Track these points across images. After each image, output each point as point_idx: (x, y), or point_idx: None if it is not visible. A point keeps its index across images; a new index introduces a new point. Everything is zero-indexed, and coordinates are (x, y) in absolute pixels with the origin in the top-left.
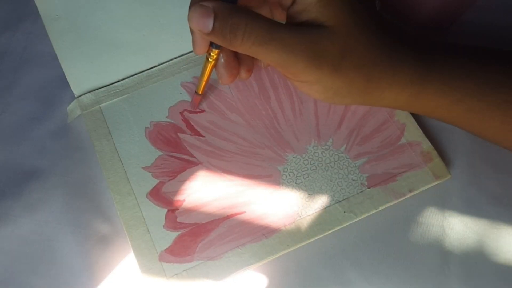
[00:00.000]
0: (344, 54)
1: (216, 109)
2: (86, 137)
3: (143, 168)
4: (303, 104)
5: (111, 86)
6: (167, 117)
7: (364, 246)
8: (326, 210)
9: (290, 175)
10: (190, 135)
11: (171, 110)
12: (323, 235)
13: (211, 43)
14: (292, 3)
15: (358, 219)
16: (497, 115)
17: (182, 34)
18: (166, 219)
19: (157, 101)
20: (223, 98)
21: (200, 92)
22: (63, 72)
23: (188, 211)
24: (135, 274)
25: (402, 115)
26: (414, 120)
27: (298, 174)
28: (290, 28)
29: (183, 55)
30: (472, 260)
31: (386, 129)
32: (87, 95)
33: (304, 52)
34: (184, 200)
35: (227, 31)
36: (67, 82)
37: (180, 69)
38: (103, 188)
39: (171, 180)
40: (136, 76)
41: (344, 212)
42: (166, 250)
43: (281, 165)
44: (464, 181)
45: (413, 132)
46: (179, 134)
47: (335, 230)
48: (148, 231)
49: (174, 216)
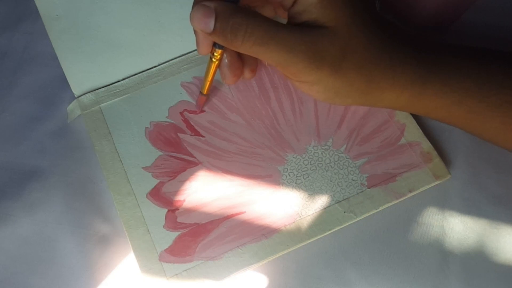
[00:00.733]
0: (344, 54)
1: (216, 109)
2: (86, 137)
3: (143, 168)
4: (303, 104)
5: (111, 86)
6: (167, 117)
7: (364, 246)
8: (326, 210)
9: (290, 175)
10: (190, 135)
11: (171, 110)
12: (323, 235)
13: (215, 43)
14: (293, 4)
15: (358, 219)
16: (497, 116)
17: (182, 34)
18: (166, 219)
19: (157, 101)
20: (223, 98)
21: (205, 92)
22: (63, 72)
23: (188, 211)
24: (135, 274)
25: (402, 115)
26: (414, 120)
27: (298, 174)
28: (290, 29)
29: (183, 55)
30: (472, 260)
31: (386, 129)
32: (87, 95)
33: (304, 52)
34: (184, 200)
35: (228, 31)
36: (67, 82)
37: (180, 69)
38: (103, 188)
39: (171, 180)
40: (136, 76)
41: (344, 212)
42: (166, 250)
43: (281, 165)
44: (464, 181)
45: (413, 132)
46: (179, 134)
47: (335, 230)
48: (148, 231)
49: (174, 216)
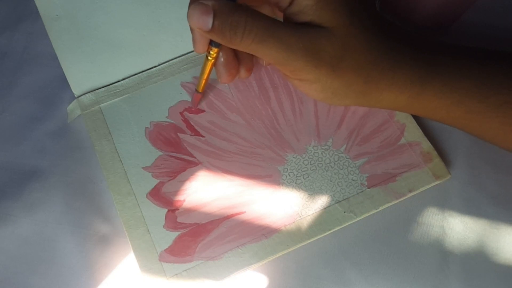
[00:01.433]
0: (342, 55)
1: (216, 109)
2: (86, 137)
3: (143, 168)
4: (303, 104)
5: (111, 86)
6: (167, 117)
7: (364, 246)
8: (326, 210)
9: (290, 175)
10: (190, 135)
11: (171, 110)
12: (323, 235)
13: (211, 42)
14: (289, 4)
15: (358, 219)
16: (497, 116)
17: (182, 34)
18: (166, 219)
19: (157, 101)
20: (223, 98)
21: (200, 90)
22: (63, 72)
23: (188, 211)
24: (135, 274)
25: (402, 115)
26: (414, 120)
27: (298, 174)
28: (289, 27)
29: (183, 55)
30: (472, 260)
31: (386, 129)
32: (87, 95)
33: (303, 50)
34: (184, 200)
35: (226, 29)
36: (67, 82)
37: (180, 69)
38: (103, 188)
39: (171, 180)
40: (136, 76)
41: (344, 212)
42: (166, 250)
43: (281, 165)
44: (464, 181)
45: (413, 132)
46: (179, 134)
47: (335, 230)
48: (148, 231)
49: (174, 216)
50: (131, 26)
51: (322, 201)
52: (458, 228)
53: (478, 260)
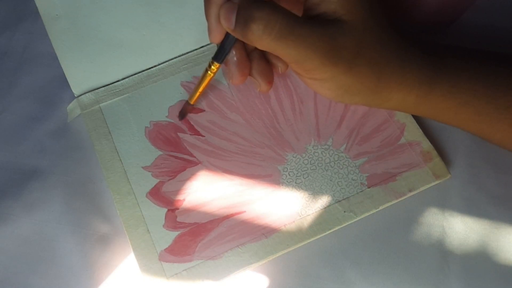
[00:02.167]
0: (359, 50)
1: (216, 108)
2: (86, 136)
3: (143, 167)
4: (303, 104)
5: (111, 85)
6: (167, 116)
7: (364, 246)
8: (326, 209)
9: (290, 175)
10: (190, 134)
11: (171, 110)
12: (323, 234)
13: (214, 57)
14: None
15: (358, 218)
16: (505, 118)
17: (182, 34)
18: (166, 218)
19: (157, 100)
20: (223, 98)
21: (192, 102)
22: (63, 72)
23: (188, 211)
24: (135, 274)
25: (402, 115)
26: (414, 120)
27: (298, 173)
28: (309, 23)
29: (183, 55)
30: (472, 260)
31: (386, 128)
32: (87, 94)
33: (323, 48)
34: (184, 200)
35: (247, 26)
36: (67, 82)
37: (180, 68)
38: (103, 188)
39: (171, 179)
40: (136, 76)
41: (344, 211)
42: (166, 249)
43: (281, 164)
44: (464, 181)
45: (413, 131)
46: (179, 134)
47: (335, 229)
48: (148, 230)
49: (174, 215)
50: (131, 26)
51: (322, 200)
52: (458, 228)
53: (478, 260)
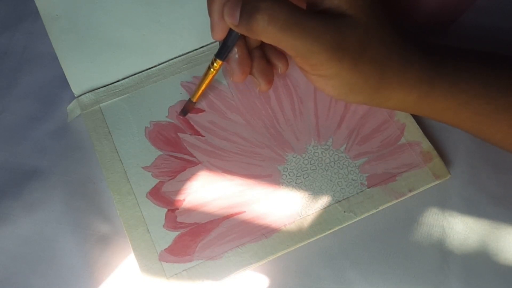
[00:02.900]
0: (363, 47)
1: (216, 108)
2: (86, 137)
3: (143, 167)
4: (303, 104)
5: (111, 86)
6: (167, 116)
7: (364, 246)
8: (326, 210)
9: (290, 175)
10: (190, 134)
11: (171, 110)
12: (323, 234)
13: (217, 54)
14: None
15: (358, 219)
16: (504, 118)
17: (182, 34)
18: (166, 218)
19: (157, 101)
20: (223, 98)
21: (195, 100)
22: (63, 72)
23: (188, 211)
24: (135, 274)
25: (402, 115)
26: (414, 120)
27: (298, 174)
28: (314, 15)
29: (183, 55)
30: (472, 260)
31: (386, 129)
32: (87, 94)
33: (329, 42)
34: (184, 200)
35: (252, 18)
36: (67, 82)
37: (180, 69)
38: (103, 188)
39: (171, 179)
40: (136, 76)
41: (344, 212)
42: (166, 249)
43: (281, 164)
44: (464, 181)
45: (413, 132)
46: (179, 134)
47: (335, 229)
48: (148, 230)
49: (174, 215)
50: (131, 26)
51: (322, 200)
52: (458, 228)
53: (478, 260)
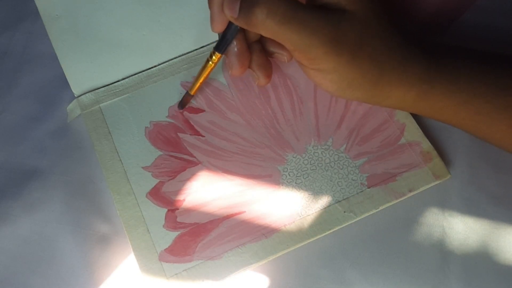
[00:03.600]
0: (361, 42)
1: (216, 108)
2: (86, 137)
3: (143, 167)
4: (303, 104)
5: (111, 86)
6: (167, 116)
7: (364, 246)
8: (326, 210)
9: (290, 175)
10: (190, 135)
11: (171, 110)
12: (323, 235)
13: (216, 47)
14: None
15: (358, 219)
16: (504, 118)
17: (182, 34)
18: (166, 218)
19: (157, 101)
20: (223, 98)
21: (192, 93)
22: (63, 72)
23: (188, 211)
24: (135, 274)
25: (402, 115)
26: (414, 120)
27: (298, 174)
28: (313, 9)
29: (183, 55)
30: (472, 260)
31: (386, 129)
32: (87, 95)
33: (327, 36)
34: (184, 200)
35: (250, 11)
36: (67, 82)
37: (180, 69)
38: (103, 188)
39: (171, 180)
40: (136, 76)
41: (344, 212)
42: (166, 249)
43: (281, 165)
44: (464, 181)
45: (413, 132)
46: (179, 134)
47: (335, 230)
48: (148, 230)
49: (174, 216)
50: (131, 26)
51: (322, 200)
52: (458, 228)
53: (478, 260)
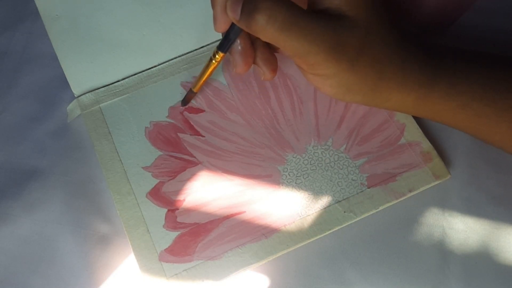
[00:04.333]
0: (362, 48)
1: (216, 108)
2: (86, 137)
3: (143, 168)
4: (303, 104)
5: (111, 86)
6: (167, 117)
7: (364, 246)
8: (326, 210)
9: (290, 175)
10: (190, 135)
11: (171, 110)
12: (323, 235)
13: (219, 46)
14: None
15: (358, 219)
16: (504, 120)
17: (182, 34)
18: (166, 219)
19: (157, 101)
20: (223, 98)
21: (196, 90)
22: (63, 72)
23: (188, 211)
24: (135, 274)
25: (402, 115)
26: (414, 120)
27: (298, 174)
28: (313, 16)
29: (183, 55)
30: (472, 260)
31: (386, 129)
32: (87, 95)
33: (327, 43)
34: (184, 200)
35: (251, 17)
36: (67, 82)
37: (180, 69)
38: (103, 188)
39: (171, 180)
40: (136, 76)
41: (344, 212)
42: (166, 250)
43: (281, 165)
44: (464, 181)
45: (413, 132)
46: (179, 134)
47: (335, 230)
48: (148, 231)
49: (174, 216)
50: (131, 26)
51: (322, 201)
52: (458, 228)
53: (478, 260)
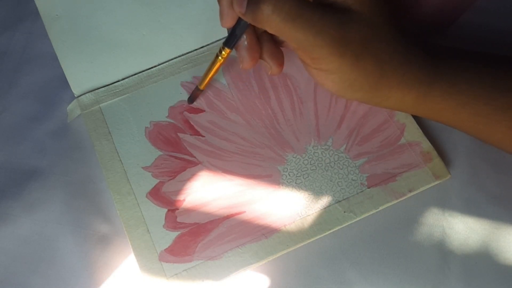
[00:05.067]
0: (366, 44)
1: (216, 108)
2: (86, 137)
3: (143, 168)
4: (303, 104)
5: (111, 86)
6: (167, 117)
7: (364, 246)
8: (326, 210)
9: (290, 175)
10: (190, 135)
11: (171, 110)
12: (323, 235)
13: (225, 42)
14: None
15: (358, 219)
16: (503, 119)
17: (182, 34)
18: (166, 219)
19: (157, 101)
20: (223, 98)
21: (202, 87)
22: (63, 72)
23: (188, 211)
24: (135, 274)
25: (402, 115)
26: (414, 120)
27: (298, 174)
28: (319, 8)
29: (183, 55)
30: (472, 260)
31: (386, 129)
32: (87, 95)
33: (332, 36)
34: (184, 200)
35: (257, 7)
36: (67, 82)
37: (180, 69)
38: (103, 188)
39: (171, 180)
40: (136, 76)
41: (344, 212)
42: (166, 250)
43: (281, 165)
44: (464, 181)
45: (413, 132)
46: (179, 134)
47: (335, 230)
48: (148, 231)
49: (174, 216)
50: (131, 26)
51: (322, 201)
52: (458, 228)
53: (478, 260)
